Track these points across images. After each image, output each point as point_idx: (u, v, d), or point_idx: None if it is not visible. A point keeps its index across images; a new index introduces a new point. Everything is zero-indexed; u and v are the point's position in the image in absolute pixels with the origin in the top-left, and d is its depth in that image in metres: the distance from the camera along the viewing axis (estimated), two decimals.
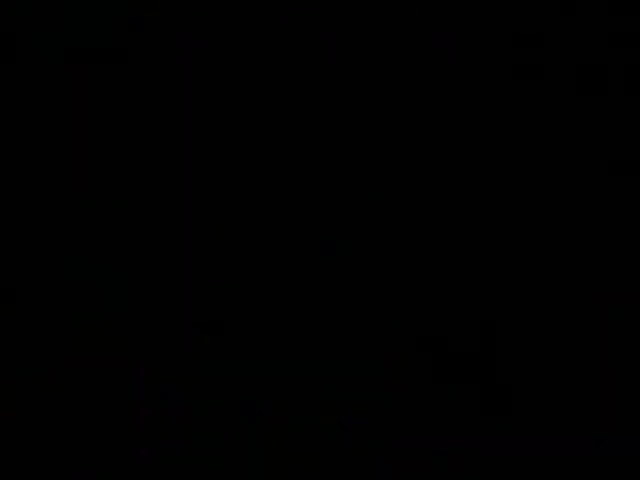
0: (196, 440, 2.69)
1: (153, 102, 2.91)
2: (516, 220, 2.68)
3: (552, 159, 2.65)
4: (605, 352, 2.54)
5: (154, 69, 2.89)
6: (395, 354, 2.66)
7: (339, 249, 2.76)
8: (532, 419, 2.55)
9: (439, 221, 2.70)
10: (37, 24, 2.80)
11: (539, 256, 2.65)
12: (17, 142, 2.89)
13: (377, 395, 2.66)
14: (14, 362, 2.77)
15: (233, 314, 2.76)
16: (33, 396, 2.75)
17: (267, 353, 2.75)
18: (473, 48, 2.62)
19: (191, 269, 2.84)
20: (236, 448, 2.67)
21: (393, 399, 2.65)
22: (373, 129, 2.74)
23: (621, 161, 2.59)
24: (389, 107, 2.73)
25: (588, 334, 2.56)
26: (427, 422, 2.59)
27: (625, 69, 2.56)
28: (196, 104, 2.95)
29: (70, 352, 2.79)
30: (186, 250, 2.85)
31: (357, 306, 2.70)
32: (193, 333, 2.79)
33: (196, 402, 2.73)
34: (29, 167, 2.89)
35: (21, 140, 2.90)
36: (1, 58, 2.82)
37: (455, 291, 2.66)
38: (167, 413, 2.72)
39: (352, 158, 2.76)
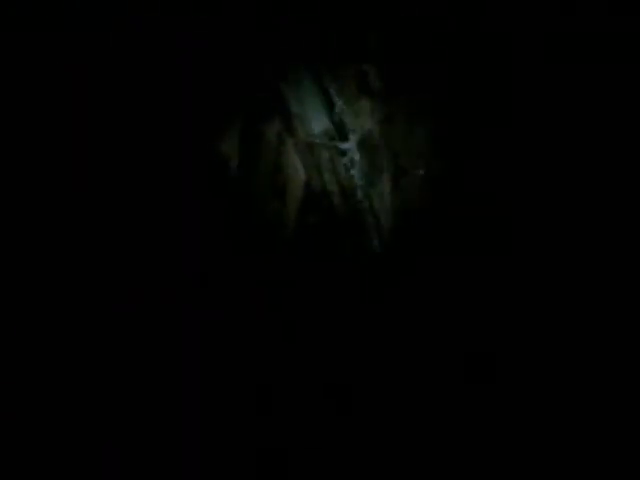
0: None
1: (154, 102, 2.90)
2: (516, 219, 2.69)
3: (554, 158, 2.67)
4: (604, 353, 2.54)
5: (152, 68, 2.86)
6: None
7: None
8: None
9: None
10: (36, 24, 2.78)
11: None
12: (16, 141, 2.86)
13: None
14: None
15: None
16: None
17: None
18: (473, 48, 2.63)
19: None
20: None
21: None
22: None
23: None
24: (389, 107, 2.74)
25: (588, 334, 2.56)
26: None
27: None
28: (196, 104, 2.97)
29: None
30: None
31: None
32: None
33: None
34: (28, 166, 2.86)
35: (21, 139, 2.87)
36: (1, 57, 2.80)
37: None
38: None
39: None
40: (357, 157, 2.69)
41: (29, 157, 2.82)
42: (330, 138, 2.72)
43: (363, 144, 2.68)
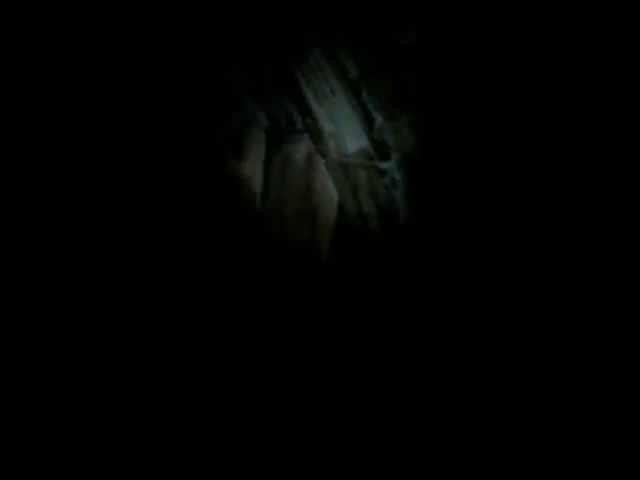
0: None
1: (156, 102, 2.78)
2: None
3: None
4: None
5: (155, 69, 2.75)
6: None
7: None
8: None
9: None
10: (36, 24, 2.65)
11: None
12: (17, 140, 2.75)
13: None
14: None
15: None
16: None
17: None
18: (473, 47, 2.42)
19: None
20: None
21: None
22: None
23: None
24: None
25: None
26: None
27: None
28: (212, 121, 2.81)
29: None
30: None
31: None
32: None
33: None
34: (29, 165, 2.73)
35: (21, 138, 2.75)
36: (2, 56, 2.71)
37: None
38: None
39: None
40: (399, 177, 2.46)
41: (29, 156, 2.74)
42: (368, 157, 2.49)
43: (406, 163, 2.45)
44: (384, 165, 2.45)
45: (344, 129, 2.48)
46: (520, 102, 2.40)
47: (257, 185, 2.87)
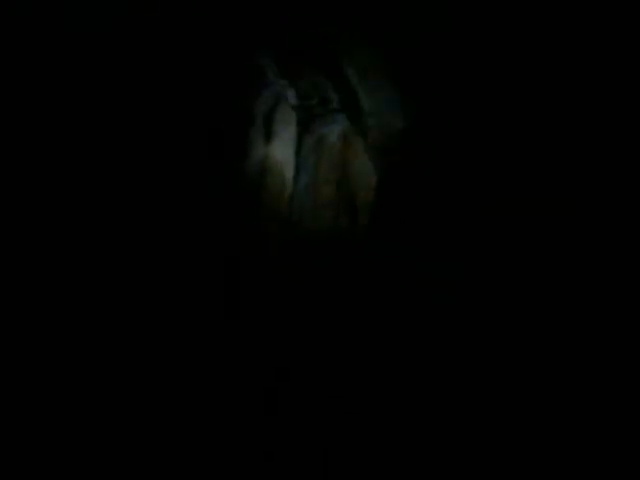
0: None
1: (157, 102, 2.69)
2: None
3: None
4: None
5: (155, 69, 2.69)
6: None
7: None
8: None
9: None
10: (37, 24, 2.64)
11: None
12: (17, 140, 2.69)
13: None
14: None
15: None
16: None
17: None
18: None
19: None
20: None
21: None
22: None
23: None
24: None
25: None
26: None
27: None
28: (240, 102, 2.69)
29: None
30: None
31: None
32: None
33: None
34: (29, 165, 2.69)
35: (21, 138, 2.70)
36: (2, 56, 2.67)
37: None
38: None
39: None
40: (440, 159, 2.32)
41: (29, 155, 2.69)
42: (410, 138, 2.34)
43: (453, 141, 2.31)
44: (428, 146, 2.31)
45: (386, 108, 2.33)
46: (520, 102, 2.36)
47: (288, 169, 2.72)
